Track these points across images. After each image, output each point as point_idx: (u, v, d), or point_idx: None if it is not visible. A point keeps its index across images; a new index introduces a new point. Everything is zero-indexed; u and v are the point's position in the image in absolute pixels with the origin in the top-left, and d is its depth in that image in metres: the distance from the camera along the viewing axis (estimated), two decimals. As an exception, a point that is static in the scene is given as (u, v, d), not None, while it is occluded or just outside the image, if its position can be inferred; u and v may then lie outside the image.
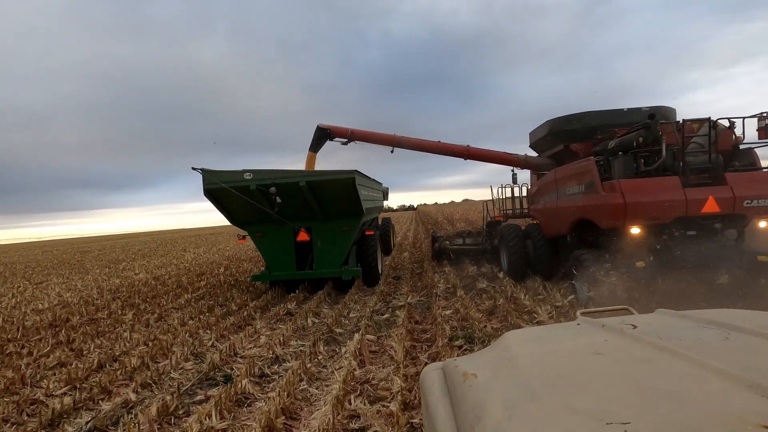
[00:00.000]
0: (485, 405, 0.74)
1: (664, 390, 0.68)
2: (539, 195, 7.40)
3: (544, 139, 7.55)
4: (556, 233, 6.69)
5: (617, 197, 4.98)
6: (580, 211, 5.77)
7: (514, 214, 8.78)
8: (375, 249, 7.20)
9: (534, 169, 8.01)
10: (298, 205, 6.22)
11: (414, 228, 22.70)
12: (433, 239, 9.85)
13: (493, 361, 0.96)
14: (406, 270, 8.84)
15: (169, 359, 4.31)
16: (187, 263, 13.27)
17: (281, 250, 6.66)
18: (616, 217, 5.01)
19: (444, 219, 20.62)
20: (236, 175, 5.84)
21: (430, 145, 8.53)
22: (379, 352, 4.31)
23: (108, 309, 6.98)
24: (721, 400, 0.62)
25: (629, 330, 0.98)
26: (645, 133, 5.13)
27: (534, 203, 7.68)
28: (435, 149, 8.54)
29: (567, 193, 6.22)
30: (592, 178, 5.42)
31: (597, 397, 0.69)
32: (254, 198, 5.97)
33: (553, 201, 6.68)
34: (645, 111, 6.60)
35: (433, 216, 26.23)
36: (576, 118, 6.86)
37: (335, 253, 6.60)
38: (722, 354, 0.79)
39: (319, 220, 6.60)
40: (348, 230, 6.63)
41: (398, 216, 41.72)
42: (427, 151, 8.62)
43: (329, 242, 6.61)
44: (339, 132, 8.82)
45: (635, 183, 5.03)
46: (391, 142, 8.61)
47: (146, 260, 15.91)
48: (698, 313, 1.08)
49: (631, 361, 0.82)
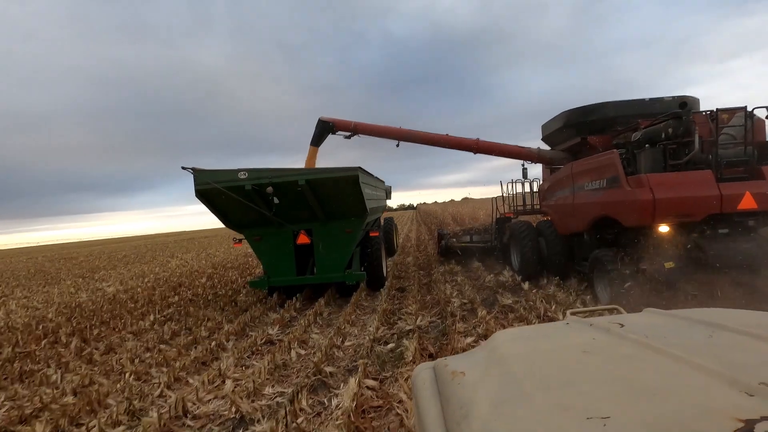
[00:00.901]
0: (473, 403, 0.76)
1: (648, 386, 0.69)
2: (553, 190, 7.05)
3: (558, 132, 7.13)
4: (572, 231, 6.37)
5: (645, 193, 4.60)
6: (600, 207, 5.41)
7: (524, 210, 8.41)
8: (380, 251, 6.81)
9: (547, 163, 7.61)
10: (297, 205, 5.80)
11: (416, 229, 21.71)
12: (440, 236, 9.53)
13: (482, 360, 0.97)
14: (411, 279, 7.90)
15: (97, 420, 3.14)
16: (169, 272, 12.34)
17: (280, 254, 6.25)
18: (644, 214, 4.63)
19: (450, 217, 19.31)
20: (230, 174, 5.40)
21: (438, 139, 8.11)
22: (384, 408, 3.11)
23: (53, 336, 5.72)
24: (702, 395, 0.64)
25: (616, 329, 0.99)
26: (675, 123, 4.72)
27: (547, 199, 7.33)
28: (443, 143, 8.12)
29: (585, 188, 5.84)
30: (616, 172, 5.03)
31: (584, 393, 0.70)
32: (250, 199, 5.54)
33: (569, 197, 6.33)
34: (668, 101, 6.18)
35: (436, 215, 24.56)
36: (594, 108, 6.44)
37: (338, 256, 6.19)
38: (705, 351, 0.80)
39: (321, 222, 6.18)
40: (351, 232, 6.22)
41: (398, 216, 40.84)
42: (435, 144, 8.20)
43: (331, 245, 6.19)
44: (342, 125, 8.42)
45: (665, 177, 4.65)
46: (397, 135, 8.19)
47: (128, 268, 14.99)
48: (685, 312, 1.10)
49: (617, 358, 0.84)
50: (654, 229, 4.78)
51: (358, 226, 6.28)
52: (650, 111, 6.07)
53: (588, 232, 6.02)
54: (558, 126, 7.07)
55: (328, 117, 8.46)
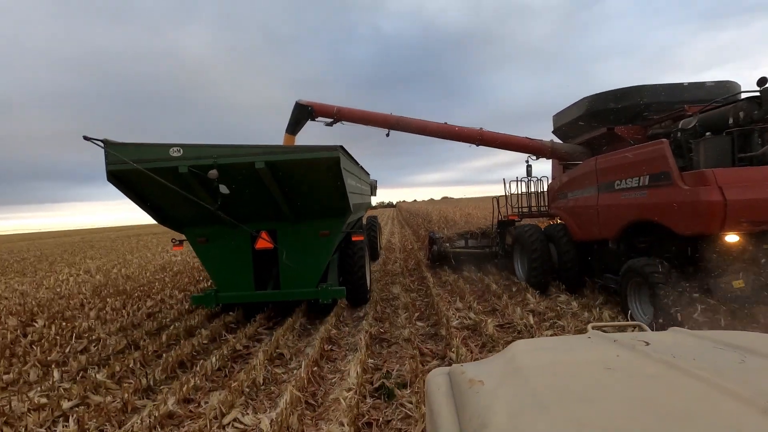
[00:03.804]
0: (490, 412, 0.74)
1: (675, 408, 0.67)
2: (568, 189, 6.05)
3: (576, 122, 6.10)
4: (594, 237, 5.40)
5: (712, 193, 3.59)
6: (640, 210, 4.43)
7: (530, 212, 7.35)
8: (363, 260, 5.44)
9: (562, 158, 6.57)
10: (255, 197, 4.35)
11: (399, 232, 19.27)
12: (431, 241, 8.37)
13: (500, 369, 0.95)
14: (398, 306, 5.77)
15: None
16: (130, 269, 10.64)
17: (234, 261, 4.73)
18: (710, 219, 3.62)
19: (439, 217, 16.65)
20: (158, 150, 3.83)
21: (435, 128, 6.91)
22: None
23: None
24: (732, 422, 0.61)
25: (642, 346, 0.97)
26: (749, 106, 3.72)
27: (558, 200, 6.33)
28: (441, 132, 6.93)
29: (617, 187, 4.83)
30: (667, 166, 4.01)
31: (605, 411, 0.68)
32: (186, 186, 4.03)
33: (591, 197, 5.34)
34: (710, 86, 5.26)
35: (421, 214, 21.90)
36: (625, 93, 5.43)
37: (309, 266, 4.75)
38: (737, 376, 0.77)
39: (288, 221, 4.73)
40: (328, 234, 4.80)
41: (378, 214, 38.83)
42: (431, 134, 7.00)
43: (301, 251, 4.74)
44: (323, 110, 7.09)
45: (737, 173, 3.66)
46: (386, 123, 6.93)
47: (78, 266, 12.86)
48: (714, 334, 1.05)
49: (642, 377, 0.81)
50: (719, 238, 3.76)
51: (337, 227, 4.89)
52: (692, 97, 5.15)
53: (615, 240, 5.01)
54: (577, 115, 6.06)
55: (306, 100, 7.14)
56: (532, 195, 7.43)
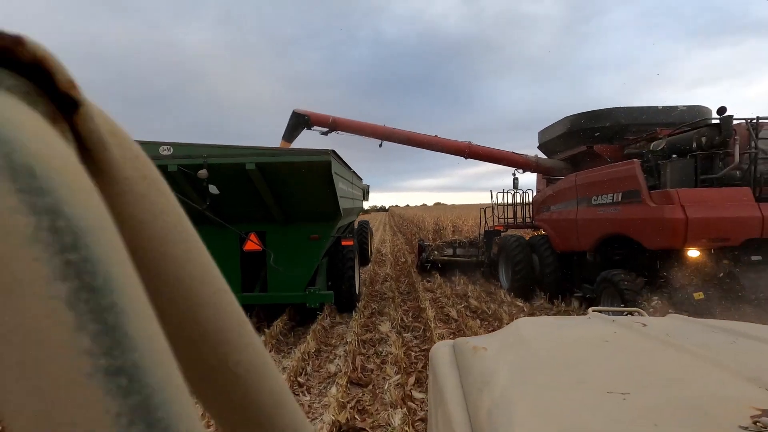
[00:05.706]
0: (494, 372, 0.77)
1: (667, 374, 0.72)
2: (550, 203, 6.32)
3: (559, 139, 6.40)
4: (572, 249, 5.64)
5: (676, 211, 3.85)
6: (614, 225, 4.68)
7: (515, 223, 7.62)
8: (353, 265, 5.58)
9: (545, 172, 6.86)
10: (245, 199, 4.41)
11: (391, 239, 18.14)
12: (420, 248, 8.57)
13: (503, 340, 0.99)
14: (387, 359, 3.96)
15: None
16: None
17: (221, 263, 4.79)
18: (673, 235, 3.88)
19: (430, 225, 16.20)
20: (147, 148, 3.84)
21: (426, 140, 7.20)
22: None
23: None
24: (720, 386, 0.66)
25: (639, 327, 1.01)
26: (710, 132, 4.03)
27: (542, 212, 6.59)
28: (432, 145, 7.23)
29: (594, 202, 5.10)
30: (637, 185, 4.28)
31: (602, 374, 0.73)
32: (175, 186, 4.03)
33: (571, 211, 5.60)
34: (682, 110, 5.60)
35: (414, 221, 20.68)
36: (603, 114, 5.74)
37: (298, 269, 4.85)
38: (727, 353, 0.81)
39: (277, 223, 4.84)
40: (317, 238, 4.96)
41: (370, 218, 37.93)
42: (422, 146, 7.29)
43: (290, 255, 4.85)
44: (318, 119, 7.38)
45: (698, 194, 3.93)
46: (380, 134, 7.22)
47: None
48: (709, 321, 1.10)
49: (638, 350, 0.86)
50: (682, 253, 4.02)
51: (328, 231, 5.06)
52: (666, 119, 5.47)
53: (592, 252, 5.27)
54: (560, 132, 6.36)
55: (303, 109, 7.44)
56: (518, 206, 7.71)
